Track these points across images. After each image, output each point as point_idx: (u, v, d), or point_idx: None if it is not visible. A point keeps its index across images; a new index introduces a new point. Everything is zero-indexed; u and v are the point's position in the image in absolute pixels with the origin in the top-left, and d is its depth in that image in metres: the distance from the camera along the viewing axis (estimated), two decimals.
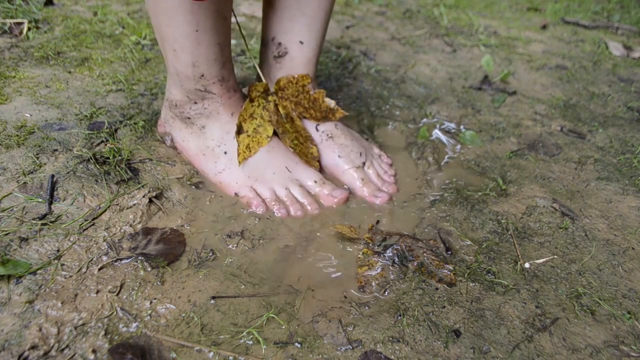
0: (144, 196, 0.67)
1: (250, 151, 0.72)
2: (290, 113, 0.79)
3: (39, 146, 0.72)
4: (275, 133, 0.78)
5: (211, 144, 0.75)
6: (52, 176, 0.66)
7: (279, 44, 0.77)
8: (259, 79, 0.84)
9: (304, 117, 0.81)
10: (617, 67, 1.47)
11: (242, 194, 0.73)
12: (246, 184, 0.73)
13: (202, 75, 0.69)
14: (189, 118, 0.74)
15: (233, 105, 0.75)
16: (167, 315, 0.52)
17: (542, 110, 1.12)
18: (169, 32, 0.63)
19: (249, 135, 0.72)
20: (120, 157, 0.73)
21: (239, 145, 0.72)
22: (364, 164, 0.81)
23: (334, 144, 0.81)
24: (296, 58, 0.78)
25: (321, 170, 0.81)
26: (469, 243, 0.67)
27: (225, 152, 0.74)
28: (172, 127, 0.79)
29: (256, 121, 0.73)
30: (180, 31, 0.63)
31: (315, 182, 0.76)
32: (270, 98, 0.77)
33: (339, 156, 0.80)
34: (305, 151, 0.78)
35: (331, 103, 0.81)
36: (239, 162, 0.71)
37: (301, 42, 0.77)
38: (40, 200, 0.63)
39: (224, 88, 0.72)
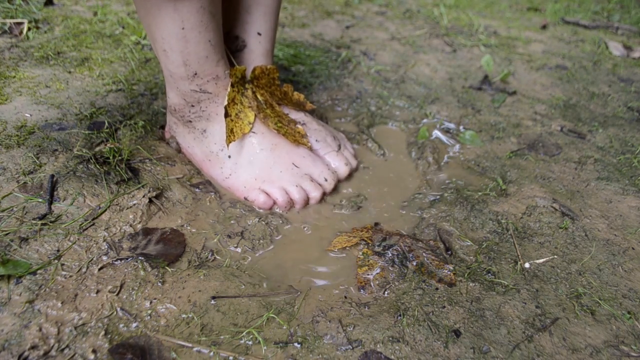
0: (144, 196, 0.67)
1: (234, 135, 0.71)
2: (269, 100, 0.79)
3: (39, 146, 0.72)
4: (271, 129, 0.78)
5: (214, 149, 0.74)
6: (52, 176, 0.66)
7: (236, 37, 0.77)
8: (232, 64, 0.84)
9: (281, 105, 0.83)
10: (617, 67, 1.47)
11: (252, 198, 0.73)
12: (254, 186, 0.73)
13: (196, 74, 0.68)
14: (190, 122, 0.74)
15: None
16: (167, 315, 0.52)
17: (542, 110, 1.12)
18: (157, 33, 0.63)
19: (232, 120, 0.72)
20: (120, 157, 0.73)
21: (226, 128, 0.71)
22: (339, 146, 0.84)
23: (309, 129, 0.82)
24: (255, 51, 0.78)
25: (310, 148, 0.81)
26: (469, 243, 0.67)
27: (230, 156, 0.74)
28: (176, 132, 0.78)
29: (237, 107, 0.73)
30: (167, 30, 0.62)
31: (326, 179, 0.76)
32: (247, 86, 0.77)
33: (316, 140, 0.81)
34: (291, 131, 0.78)
35: (301, 96, 0.86)
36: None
37: (259, 34, 0.77)
38: (40, 200, 0.63)
39: (220, 87, 0.71)
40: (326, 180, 0.76)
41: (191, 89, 0.70)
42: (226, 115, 0.70)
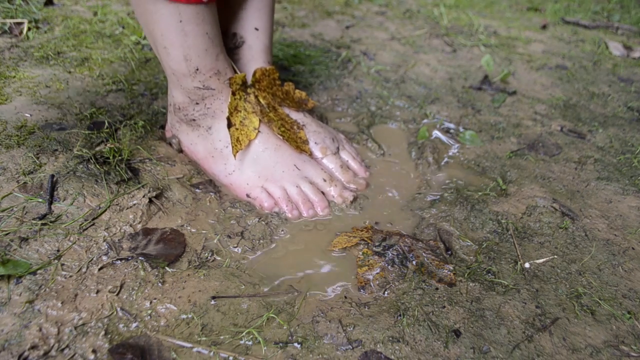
0: (144, 196, 0.67)
1: (240, 144, 0.72)
2: (271, 102, 0.80)
3: (39, 146, 0.72)
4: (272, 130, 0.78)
5: (219, 146, 0.75)
6: (52, 176, 0.66)
7: (234, 34, 0.78)
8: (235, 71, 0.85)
9: (283, 106, 0.83)
10: (617, 67, 1.47)
11: (254, 196, 0.73)
12: (257, 184, 0.73)
13: (197, 70, 0.68)
14: (194, 120, 0.74)
15: None
16: (167, 315, 0.52)
17: (542, 110, 1.12)
18: (156, 29, 0.64)
19: (237, 129, 0.72)
20: (120, 157, 0.73)
21: (230, 139, 0.72)
22: (338, 148, 0.84)
23: (308, 131, 0.82)
24: (254, 46, 0.78)
25: (310, 154, 0.81)
26: (469, 243, 0.67)
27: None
28: (178, 131, 0.78)
29: (241, 114, 0.74)
30: (165, 25, 0.63)
31: (325, 180, 0.76)
32: (249, 90, 0.77)
33: (315, 143, 0.81)
34: (293, 137, 0.78)
35: (302, 94, 0.85)
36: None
37: (256, 29, 0.77)
38: (40, 200, 0.63)
39: (222, 82, 0.72)
40: (325, 180, 0.76)
41: (194, 86, 0.70)
42: (229, 125, 0.71)
